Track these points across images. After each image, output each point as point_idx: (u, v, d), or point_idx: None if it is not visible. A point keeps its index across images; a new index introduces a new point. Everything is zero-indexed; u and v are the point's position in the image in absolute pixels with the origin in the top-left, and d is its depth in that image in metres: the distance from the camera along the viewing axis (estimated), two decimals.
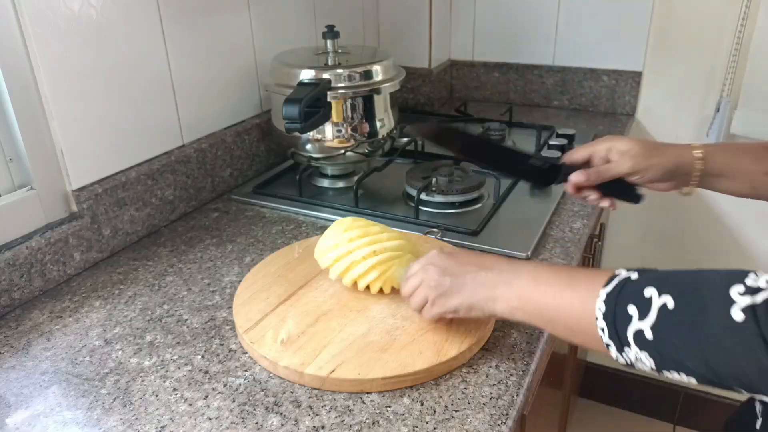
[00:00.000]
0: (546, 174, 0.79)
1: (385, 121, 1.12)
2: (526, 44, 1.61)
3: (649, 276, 0.50)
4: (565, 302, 0.55)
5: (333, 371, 0.65)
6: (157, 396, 0.65)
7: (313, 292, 0.79)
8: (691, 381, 0.48)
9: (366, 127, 1.09)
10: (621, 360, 0.51)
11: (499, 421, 0.61)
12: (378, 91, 1.07)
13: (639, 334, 0.48)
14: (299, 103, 0.91)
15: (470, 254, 0.69)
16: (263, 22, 1.20)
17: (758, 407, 0.60)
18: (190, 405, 0.64)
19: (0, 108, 0.80)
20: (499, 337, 0.73)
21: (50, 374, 0.69)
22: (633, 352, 0.49)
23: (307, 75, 1.04)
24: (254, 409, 0.63)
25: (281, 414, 0.63)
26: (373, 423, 0.61)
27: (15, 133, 0.81)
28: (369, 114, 1.09)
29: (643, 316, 0.48)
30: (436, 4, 1.56)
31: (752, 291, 0.42)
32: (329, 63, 1.09)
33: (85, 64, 0.87)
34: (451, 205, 1.04)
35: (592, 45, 1.54)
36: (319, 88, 0.98)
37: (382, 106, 1.10)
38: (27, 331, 0.77)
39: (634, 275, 0.51)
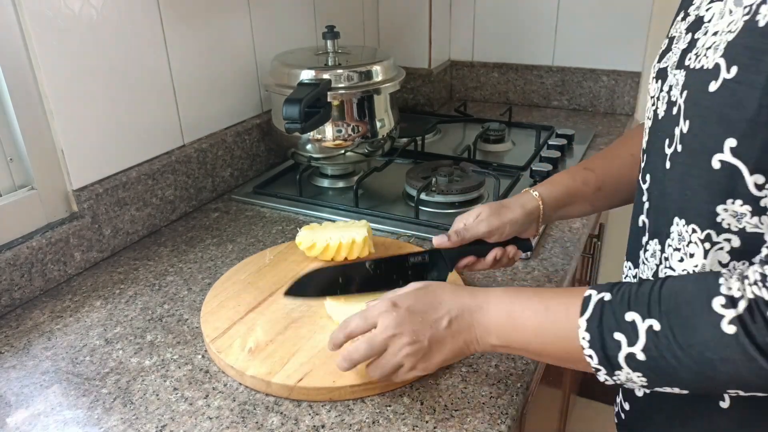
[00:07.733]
0: (433, 263, 0.75)
1: (385, 121, 1.12)
2: (525, 45, 1.61)
3: (623, 297, 0.50)
4: (548, 339, 0.55)
5: (301, 380, 0.64)
6: (157, 395, 0.66)
7: (284, 299, 0.76)
8: (682, 392, 0.49)
9: (366, 127, 1.10)
10: (610, 381, 0.52)
11: (499, 421, 0.61)
12: (378, 92, 1.07)
13: (631, 357, 0.49)
14: (299, 104, 0.91)
15: (423, 300, 0.61)
16: (263, 23, 1.20)
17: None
18: (191, 404, 0.64)
19: (1, 108, 0.80)
20: None
21: (51, 374, 0.69)
22: (624, 374, 0.50)
23: (307, 75, 1.04)
24: (254, 408, 0.63)
25: (281, 413, 0.63)
26: (374, 422, 0.61)
27: (16, 133, 0.81)
28: (369, 114, 1.09)
29: (632, 341, 0.48)
30: (436, 4, 1.56)
31: (733, 301, 0.44)
32: (329, 63, 1.09)
33: (86, 64, 0.87)
34: (451, 205, 1.04)
35: (591, 45, 1.55)
36: (320, 88, 0.98)
37: (382, 106, 1.11)
38: (28, 330, 0.77)
39: (607, 296, 0.51)
